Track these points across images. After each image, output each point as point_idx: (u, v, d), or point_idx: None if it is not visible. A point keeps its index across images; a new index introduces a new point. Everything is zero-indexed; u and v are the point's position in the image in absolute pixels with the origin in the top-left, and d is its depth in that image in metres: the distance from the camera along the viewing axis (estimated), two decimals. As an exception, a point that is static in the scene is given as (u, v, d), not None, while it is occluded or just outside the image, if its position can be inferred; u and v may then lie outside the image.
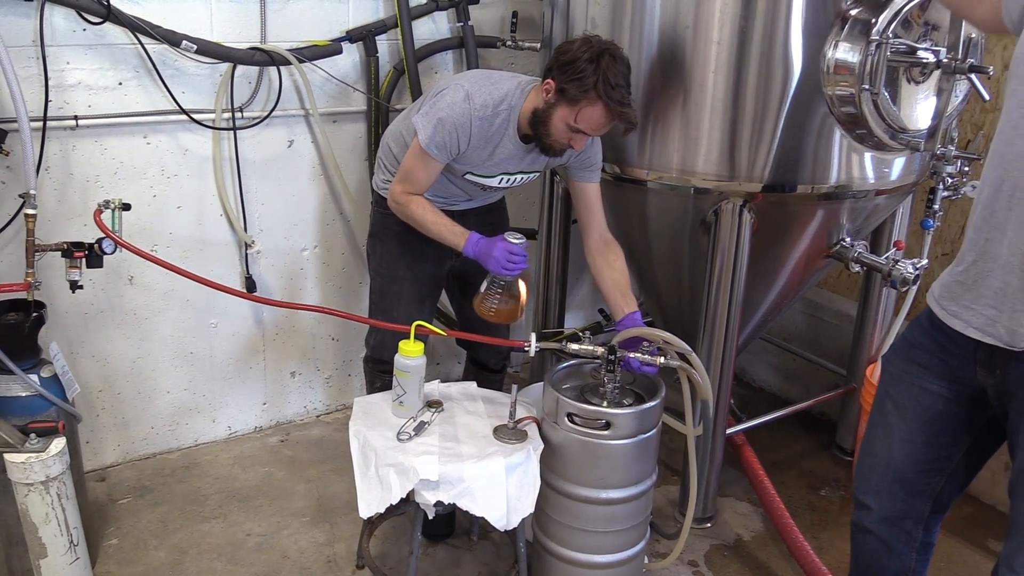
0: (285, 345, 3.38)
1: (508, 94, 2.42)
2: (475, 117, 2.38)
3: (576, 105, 2.29)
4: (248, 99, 3.00)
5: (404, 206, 2.53)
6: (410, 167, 2.49)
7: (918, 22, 2.39)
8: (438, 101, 2.43)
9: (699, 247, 2.72)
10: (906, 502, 1.96)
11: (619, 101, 2.26)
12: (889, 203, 2.83)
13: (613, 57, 2.26)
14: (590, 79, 2.24)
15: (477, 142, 2.42)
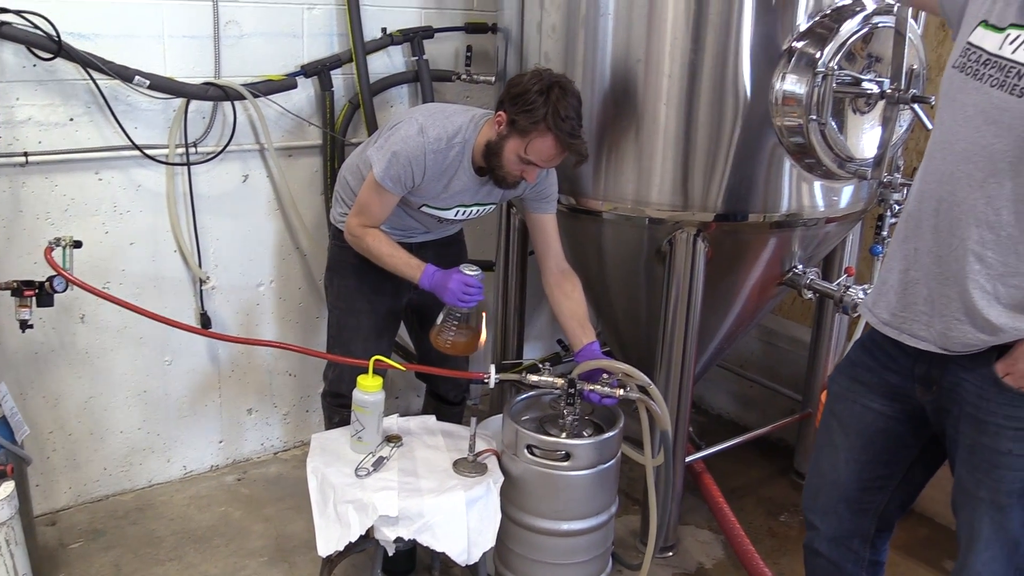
0: (241, 382, 3.34)
1: (462, 127, 2.44)
2: (429, 150, 2.39)
3: (526, 137, 2.31)
4: (202, 134, 2.99)
5: (360, 239, 2.53)
6: (365, 200, 2.50)
7: (861, 54, 2.46)
8: (393, 135, 2.44)
9: (655, 277, 2.75)
10: (852, 521, 1.99)
11: (569, 133, 2.29)
12: (839, 230, 2.88)
13: (563, 89, 2.29)
14: (540, 111, 2.26)
15: (432, 175, 2.44)
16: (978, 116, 1.63)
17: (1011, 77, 1.59)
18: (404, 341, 3.29)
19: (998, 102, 1.60)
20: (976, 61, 1.66)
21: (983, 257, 1.64)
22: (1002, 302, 1.64)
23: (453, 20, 3.38)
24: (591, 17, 2.55)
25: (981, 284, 1.65)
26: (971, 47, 1.68)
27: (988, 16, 1.68)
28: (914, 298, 1.77)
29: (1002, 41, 1.63)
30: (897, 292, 1.80)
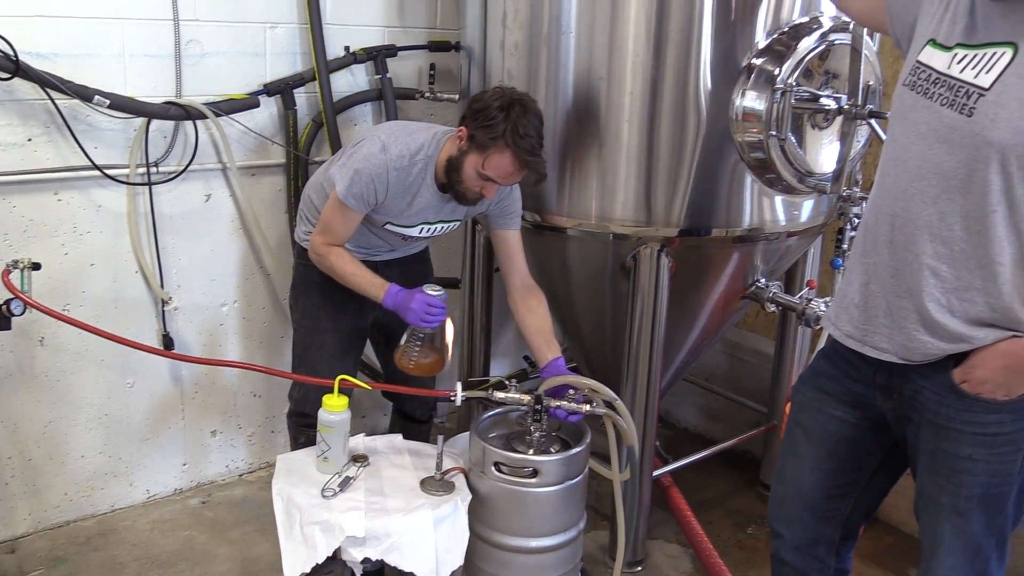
0: (205, 403, 3.30)
1: (424, 144, 2.44)
2: (392, 167, 2.39)
3: (485, 152, 2.32)
4: (164, 154, 2.96)
5: (324, 257, 2.52)
6: (329, 219, 2.49)
7: (819, 71, 2.50)
8: (355, 153, 2.44)
9: (620, 292, 2.77)
10: (816, 529, 2.01)
11: (527, 150, 2.30)
12: (800, 244, 2.92)
13: (524, 107, 2.31)
14: (500, 127, 2.28)
15: (395, 192, 2.44)
16: (930, 134, 1.67)
17: (960, 96, 1.62)
18: (370, 360, 3.27)
19: (948, 121, 1.63)
20: (926, 80, 1.69)
21: (937, 271, 1.67)
22: (956, 315, 1.67)
23: (416, 38, 3.39)
24: (553, 35, 2.57)
25: (936, 297, 1.68)
26: (921, 66, 1.72)
27: (936, 35, 1.71)
28: (875, 311, 1.79)
29: (950, 60, 1.66)
30: (858, 305, 1.83)
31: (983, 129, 1.58)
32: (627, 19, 2.46)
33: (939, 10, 1.73)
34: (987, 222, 1.61)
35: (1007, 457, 1.72)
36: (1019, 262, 1.61)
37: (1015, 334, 1.64)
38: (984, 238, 1.62)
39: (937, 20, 1.72)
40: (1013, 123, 1.55)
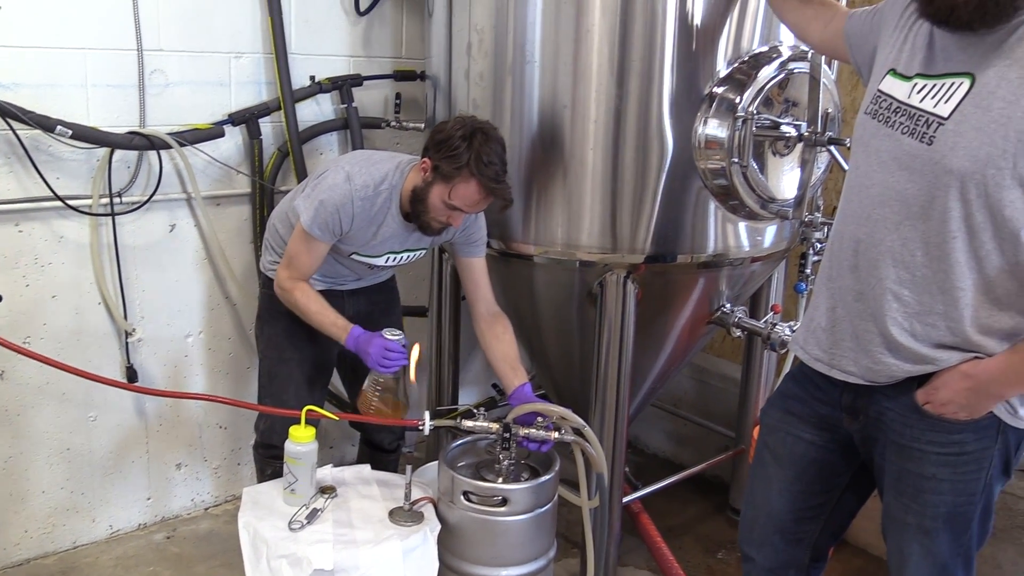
0: (169, 436, 3.25)
1: (388, 174, 2.45)
2: (356, 197, 2.39)
3: (450, 182, 2.33)
4: (127, 184, 2.94)
5: (289, 293, 2.51)
6: (294, 251, 2.48)
7: (778, 99, 2.55)
8: (319, 183, 2.44)
9: (587, 318, 2.78)
10: (786, 551, 2.03)
11: (492, 178, 2.31)
12: (764, 269, 2.96)
13: (486, 135, 2.33)
14: (463, 156, 2.29)
15: (360, 222, 2.44)
16: (891, 162, 1.70)
17: (920, 125, 1.66)
18: (337, 389, 3.25)
19: (909, 149, 1.67)
20: (887, 108, 1.73)
21: (900, 296, 1.71)
22: (919, 339, 1.70)
23: (382, 68, 3.41)
24: (518, 65, 2.60)
25: (899, 322, 1.71)
26: (882, 94, 1.76)
27: (896, 65, 1.76)
28: (841, 334, 1.82)
29: (910, 90, 1.70)
30: (825, 329, 1.86)
31: (943, 157, 1.61)
32: (590, 49, 2.49)
33: (898, 41, 1.77)
34: (947, 248, 1.64)
35: (971, 476, 1.74)
36: (980, 288, 1.64)
37: (976, 356, 1.67)
38: (945, 264, 1.65)
39: (897, 50, 1.76)
40: (971, 151, 1.58)
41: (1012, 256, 1.61)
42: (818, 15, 2.14)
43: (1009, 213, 1.58)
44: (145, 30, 2.85)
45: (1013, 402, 1.71)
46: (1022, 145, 1.54)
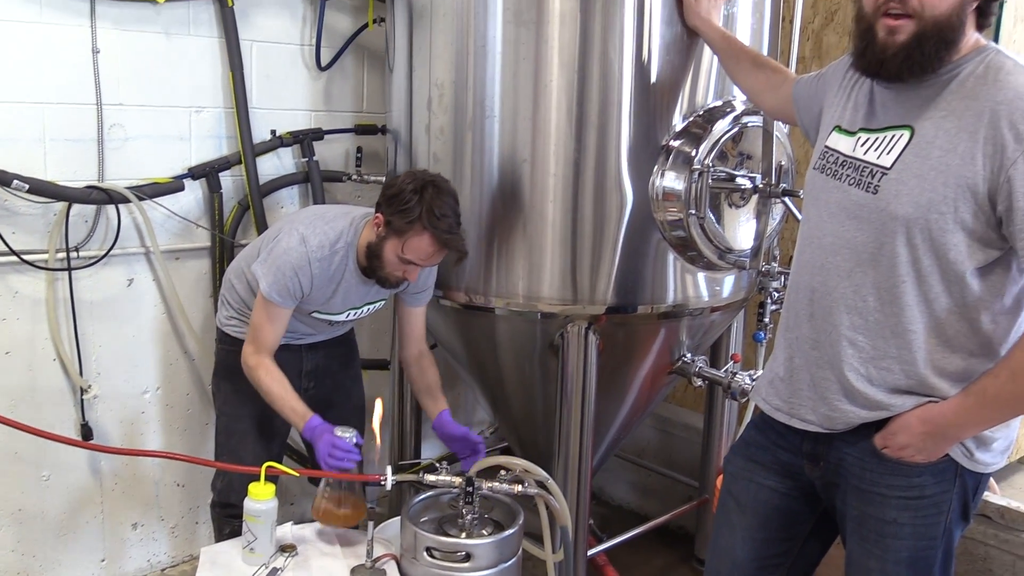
0: (125, 495, 3.18)
1: (343, 232, 2.46)
2: (314, 259, 2.39)
3: (403, 236, 2.34)
4: (85, 238, 2.91)
5: (254, 370, 2.48)
6: (257, 322, 2.47)
7: (733, 153, 2.60)
8: (275, 248, 2.44)
9: (549, 370, 2.78)
10: None
11: (445, 230, 2.33)
12: (724, 319, 2.99)
13: (438, 188, 2.35)
14: (415, 210, 2.31)
15: (319, 283, 2.43)
16: (840, 212, 1.77)
17: (865, 176, 1.73)
18: (297, 443, 3.21)
19: (856, 199, 1.74)
20: (834, 163, 1.81)
21: (855, 341, 1.75)
22: (875, 384, 1.74)
23: (343, 122, 3.43)
24: (478, 120, 2.63)
25: (855, 367, 1.75)
26: (828, 150, 1.83)
27: (840, 122, 1.84)
28: (799, 384, 1.86)
29: (855, 144, 1.78)
30: (784, 379, 1.90)
31: (888, 205, 1.68)
32: (549, 104, 2.53)
33: (842, 99, 1.86)
34: (897, 292, 1.69)
35: (931, 520, 1.77)
36: (931, 330, 1.69)
37: (931, 400, 1.71)
38: (896, 308, 1.70)
39: (841, 108, 1.85)
40: (914, 198, 1.65)
41: (959, 298, 1.67)
42: (769, 80, 2.24)
43: (953, 256, 1.64)
44: (105, 85, 2.85)
45: (969, 445, 1.74)
46: (961, 191, 1.61)
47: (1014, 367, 1.63)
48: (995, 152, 1.58)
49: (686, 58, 2.56)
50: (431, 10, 2.70)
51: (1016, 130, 1.57)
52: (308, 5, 3.25)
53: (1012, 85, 1.61)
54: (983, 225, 1.62)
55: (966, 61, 1.67)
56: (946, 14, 1.62)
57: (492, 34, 2.56)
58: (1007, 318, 1.70)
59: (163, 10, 2.92)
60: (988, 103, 1.61)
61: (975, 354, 1.70)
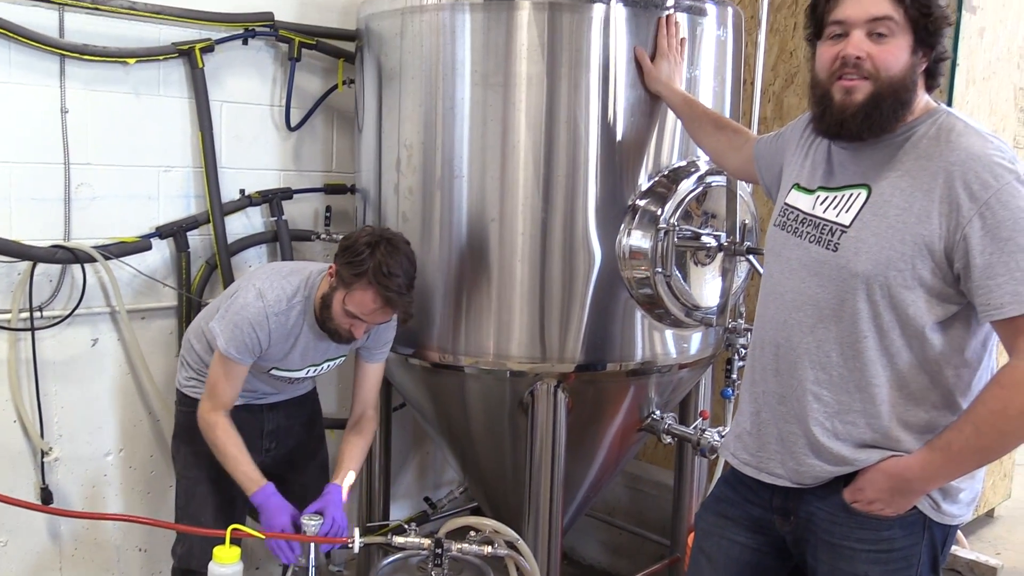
0: (85, 560, 3.10)
1: (299, 286, 2.46)
2: (271, 313, 2.38)
3: (349, 288, 2.34)
4: (49, 298, 2.88)
5: (211, 429, 2.45)
6: (214, 378, 2.44)
7: (698, 212, 2.65)
8: (232, 304, 2.43)
9: (518, 428, 2.77)
10: None
11: (389, 288, 2.30)
12: (692, 375, 3.01)
13: (393, 246, 2.34)
14: (365, 264, 2.30)
15: (277, 338, 2.42)
16: (801, 269, 1.80)
17: (825, 233, 1.77)
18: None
19: (817, 256, 1.78)
20: (794, 220, 1.85)
21: (820, 396, 1.77)
22: (840, 438, 1.76)
23: (312, 181, 3.44)
24: (447, 180, 2.66)
25: (821, 421, 1.77)
26: (788, 207, 1.88)
27: (799, 180, 1.89)
28: (767, 438, 1.87)
29: (814, 202, 1.83)
30: (751, 433, 1.91)
31: (848, 262, 1.72)
32: (516, 164, 2.57)
33: (800, 158, 1.91)
34: (860, 347, 1.72)
35: (902, 574, 1.78)
36: (894, 384, 1.72)
37: (895, 454, 1.73)
38: (859, 363, 1.73)
39: (799, 166, 1.90)
40: (873, 256, 1.69)
41: (920, 352, 1.70)
42: (731, 141, 2.30)
43: (913, 312, 1.68)
44: (73, 144, 2.84)
45: (936, 497, 1.76)
46: (918, 249, 1.66)
47: (977, 420, 1.66)
48: (951, 211, 1.63)
49: (651, 120, 2.62)
50: (400, 72, 2.74)
51: (970, 190, 1.62)
52: (278, 67, 3.28)
53: (964, 146, 1.67)
54: (941, 282, 1.67)
55: (919, 123, 1.74)
56: (899, 75, 1.69)
57: (460, 96, 2.61)
58: (968, 371, 1.74)
59: (133, 70, 2.93)
60: (942, 163, 1.66)
61: (938, 407, 1.73)
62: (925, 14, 1.69)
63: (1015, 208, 1.60)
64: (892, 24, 1.68)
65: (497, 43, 2.56)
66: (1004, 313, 1.60)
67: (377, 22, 2.85)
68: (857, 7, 1.70)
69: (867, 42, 1.69)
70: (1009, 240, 1.59)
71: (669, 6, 2.60)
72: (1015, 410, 1.62)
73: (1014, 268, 1.58)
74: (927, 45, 1.72)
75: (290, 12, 3.23)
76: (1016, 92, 3.70)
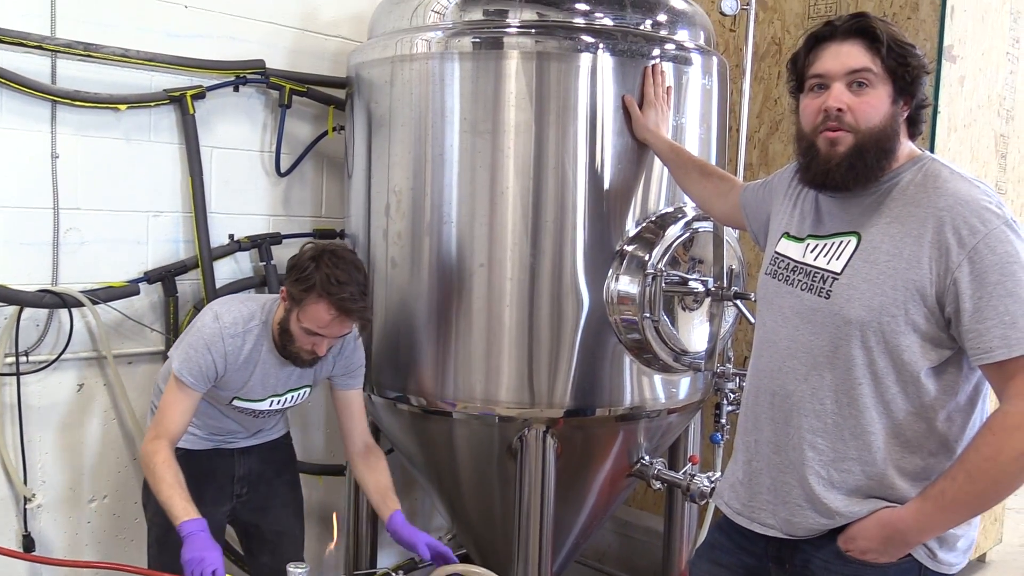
0: (66, 609, 3.05)
1: (256, 311, 2.47)
2: (227, 335, 2.38)
3: (301, 305, 2.33)
4: (35, 342, 2.86)
5: (151, 456, 2.33)
6: (163, 405, 2.40)
7: (685, 258, 2.67)
8: (189, 330, 2.45)
9: (507, 474, 2.76)
10: None
11: (340, 296, 2.29)
12: (681, 420, 3.00)
13: (335, 255, 2.34)
14: (312, 277, 2.30)
15: (233, 361, 2.41)
16: (794, 317, 1.81)
17: (816, 281, 1.78)
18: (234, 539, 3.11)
19: (809, 303, 1.79)
20: (785, 268, 1.86)
21: (815, 445, 1.77)
22: (836, 487, 1.76)
23: (302, 226, 3.45)
24: (435, 225, 2.67)
25: (816, 470, 1.77)
26: (779, 256, 1.89)
27: (789, 228, 1.91)
28: (759, 487, 1.87)
29: (804, 250, 1.84)
30: (743, 483, 1.91)
31: (840, 309, 1.73)
32: (505, 210, 2.59)
33: (789, 207, 1.93)
34: (855, 394, 1.73)
35: None
36: (889, 431, 1.72)
37: (888, 505, 1.72)
38: (854, 410, 1.73)
39: (788, 215, 1.92)
40: (865, 302, 1.70)
41: (915, 398, 1.71)
42: (717, 188, 2.33)
43: (907, 357, 1.69)
44: (63, 189, 2.85)
45: (932, 545, 1.75)
46: (910, 294, 1.67)
47: (970, 469, 1.66)
48: (940, 256, 1.65)
49: (638, 166, 2.65)
50: (390, 119, 2.77)
51: (959, 235, 1.64)
52: (269, 113, 3.31)
53: (951, 192, 1.69)
54: (934, 326, 1.68)
55: (904, 170, 1.76)
56: (880, 125, 1.73)
57: (449, 143, 2.63)
58: (962, 416, 1.74)
59: (124, 116, 2.95)
60: (931, 209, 1.68)
61: (934, 453, 1.73)
62: (902, 64, 1.73)
63: (1003, 253, 1.62)
64: (871, 75, 1.72)
65: (486, 91, 2.60)
66: (993, 357, 1.62)
67: (368, 70, 2.89)
68: (835, 61, 1.74)
69: (847, 94, 1.73)
70: (998, 284, 1.61)
71: (655, 55, 2.65)
72: (1007, 456, 1.61)
73: (1003, 312, 1.60)
74: (907, 94, 1.76)
75: (281, 59, 3.27)
76: (997, 138, 3.76)
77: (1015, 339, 1.59)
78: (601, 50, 2.58)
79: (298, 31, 3.33)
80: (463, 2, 2.70)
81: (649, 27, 2.71)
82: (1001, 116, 3.76)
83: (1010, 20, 3.71)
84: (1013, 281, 1.61)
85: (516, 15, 2.63)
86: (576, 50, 2.57)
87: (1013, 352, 1.60)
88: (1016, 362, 1.60)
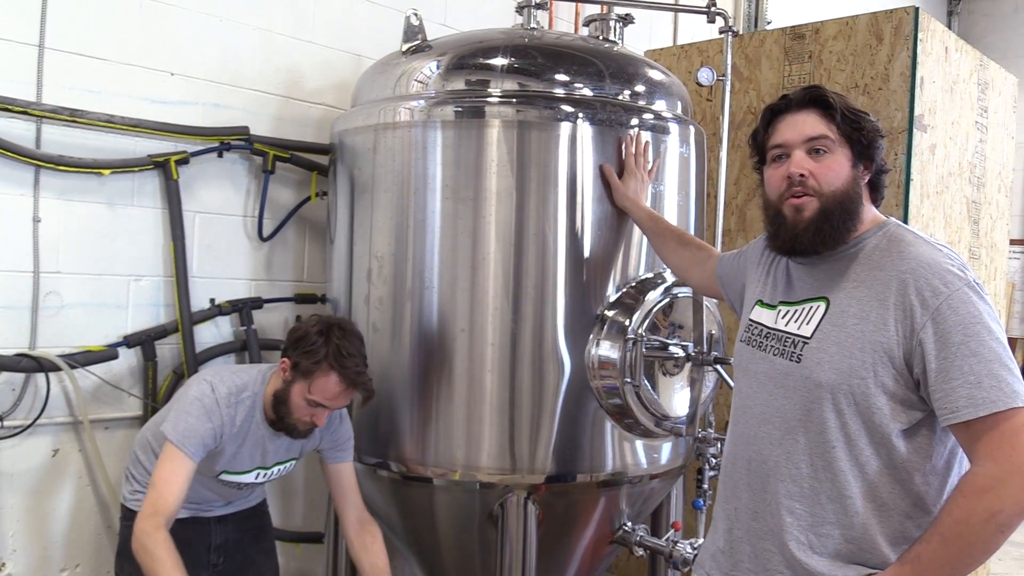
0: None
1: (249, 382, 2.46)
2: (223, 404, 2.38)
3: (310, 378, 2.34)
4: (11, 407, 2.82)
5: (149, 535, 2.26)
6: (161, 478, 2.32)
7: (664, 324, 2.68)
8: (183, 398, 2.42)
9: (488, 541, 2.73)
10: None
11: (351, 369, 2.33)
12: (663, 486, 2.99)
13: (343, 329, 2.38)
14: (322, 351, 2.32)
15: (228, 433, 2.40)
16: (768, 382, 1.83)
17: (788, 346, 1.81)
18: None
19: (781, 368, 1.81)
20: (759, 335, 1.89)
21: (793, 509, 1.77)
22: (816, 551, 1.75)
23: (283, 291, 3.45)
24: (417, 290, 2.68)
25: (795, 536, 1.76)
26: (753, 323, 1.92)
27: (762, 296, 1.95)
28: (740, 555, 1.86)
29: (776, 316, 1.88)
30: (724, 551, 1.90)
31: (811, 372, 1.75)
32: (486, 275, 2.61)
33: (762, 275, 1.97)
34: (829, 457, 1.74)
35: None
36: (865, 494, 1.72)
37: (871, 572, 1.71)
38: (829, 473, 1.74)
39: (761, 284, 1.96)
40: (835, 365, 1.73)
41: (888, 460, 1.72)
42: (695, 257, 2.37)
43: (879, 419, 1.70)
44: (43, 253, 2.84)
45: None
46: (878, 355, 1.70)
47: (943, 532, 1.65)
48: (905, 318, 1.68)
49: (617, 233, 2.68)
50: (372, 186, 2.80)
51: (922, 296, 1.68)
52: (252, 179, 3.33)
53: (914, 255, 1.73)
54: (903, 388, 1.70)
55: (869, 234, 1.81)
56: (843, 188, 1.79)
57: (432, 209, 2.66)
58: (939, 479, 1.74)
59: (108, 181, 2.96)
60: (894, 272, 1.72)
61: (911, 515, 1.73)
62: (857, 129, 1.80)
63: (965, 314, 1.65)
64: (828, 141, 1.79)
65: (468, 159, 2.63)
66: (960, 416, 1.63)
67: (351, 137, 2.92)
68: (793, 131, 1.81)
69: (808, 160, 1.79)
70: (962, 344, 1.63)
71: (634, 125, 2.70)
72: (978, 518, 1.61)
73: (967, 372, 1.62)
74: (866, 158, 1.82)
75: (266, 126, 3.30)
76: (968, 205, 3.84)
77: (980, 399, 1.61)
78: (581, 119, 2.63)
79: (283, 98, 3.37)
80: (446, 72, 2.75)
81: (628, 97, 2.78)
82: (972, 183, 3.85)
83: (978, 91, 3.82)
84: (977, 341, 1.64)
85: (498, 85, 2.68)
86: (556, 119, 2.62)
87: (979, 412, 1.61)
88: (983, 422, 1.62)
